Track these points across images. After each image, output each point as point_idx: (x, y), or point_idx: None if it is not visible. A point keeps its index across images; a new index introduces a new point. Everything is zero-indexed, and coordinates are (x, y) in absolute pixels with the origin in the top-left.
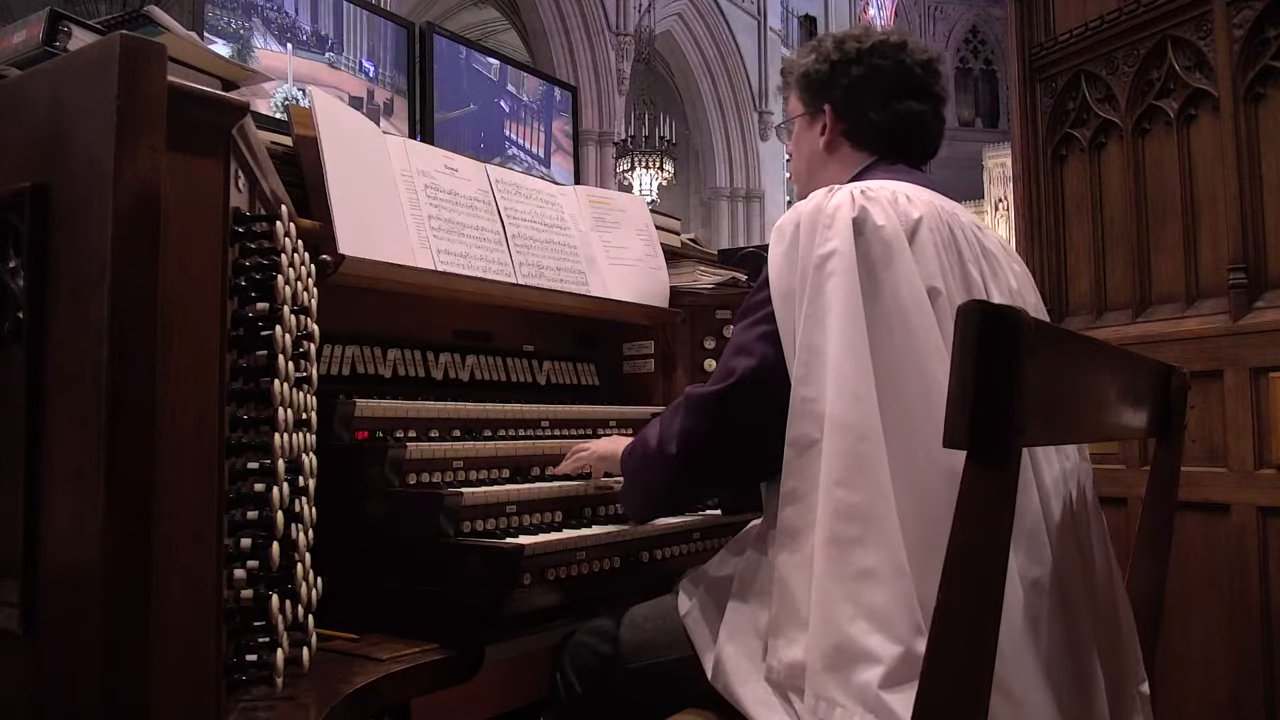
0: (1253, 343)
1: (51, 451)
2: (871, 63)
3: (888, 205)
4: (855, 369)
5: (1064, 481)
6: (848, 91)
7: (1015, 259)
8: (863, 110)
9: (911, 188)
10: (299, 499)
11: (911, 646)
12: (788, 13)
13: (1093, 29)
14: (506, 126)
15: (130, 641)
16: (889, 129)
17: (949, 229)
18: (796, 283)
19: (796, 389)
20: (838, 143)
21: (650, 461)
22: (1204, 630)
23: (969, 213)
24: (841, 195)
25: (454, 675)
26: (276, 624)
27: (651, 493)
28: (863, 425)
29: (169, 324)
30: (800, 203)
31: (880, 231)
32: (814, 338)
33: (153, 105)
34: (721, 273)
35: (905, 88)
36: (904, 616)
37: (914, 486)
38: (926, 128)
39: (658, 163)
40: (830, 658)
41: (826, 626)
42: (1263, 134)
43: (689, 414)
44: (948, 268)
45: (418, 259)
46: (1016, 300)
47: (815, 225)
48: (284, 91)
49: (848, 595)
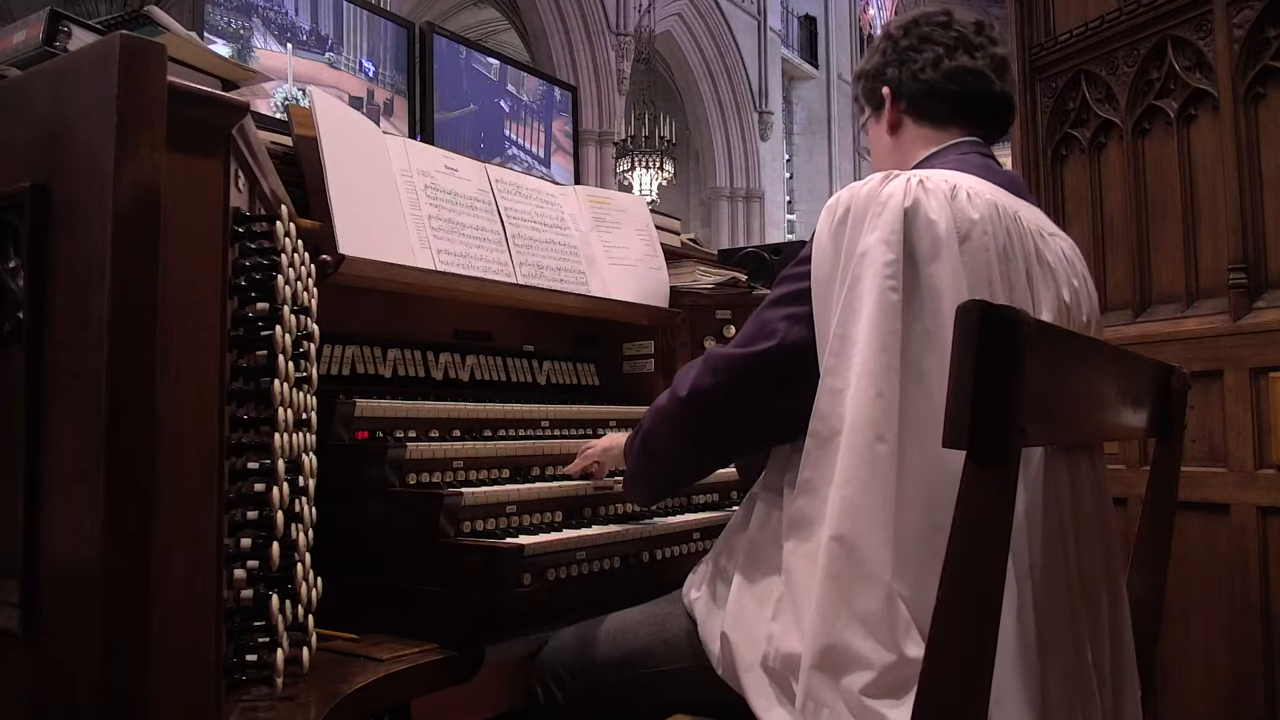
0: (1253, 343)
1: (51, 451)
2: (919, 32)
3: (945, 199)
4: (883, 366)
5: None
6: (899, 66)
7: (1077, 273)
8: (916, 77)
9: (976, 183)
10: (299, 499)
11: (903, 654)
12: (788, 13)
13: (1093, 29)
14: (506, 126)
15: (130, 642)
16: (946, 89)
17: (1007, 234)
18: (839, 267)
19: (825, 378)
20: (900, 121)
21: (661, 411)
22: (1204, 630)
23: (1037, 214)
24: (897, 183)
25: (454, 675)
26: (276, 624)
27: (662, 460)
28: (881, 425)
29: (169, 324)
30: (856, 183)
31: (932, 226)
32: (848, 327)
33: (153, 105)
34: (721, 273)
35: (956, 45)
36: (898, 623)
37: (926, 494)
38: (984, 83)
39: (658, 163)
40: (822, 658)
41: (822, 626)
42: (1263, 134)
43: (704, 370)
44: (996, 276)
45: (418, 259)
46: (1065, 315)
47: (866, 210)
48: (284, 91)
49: (845, 597)
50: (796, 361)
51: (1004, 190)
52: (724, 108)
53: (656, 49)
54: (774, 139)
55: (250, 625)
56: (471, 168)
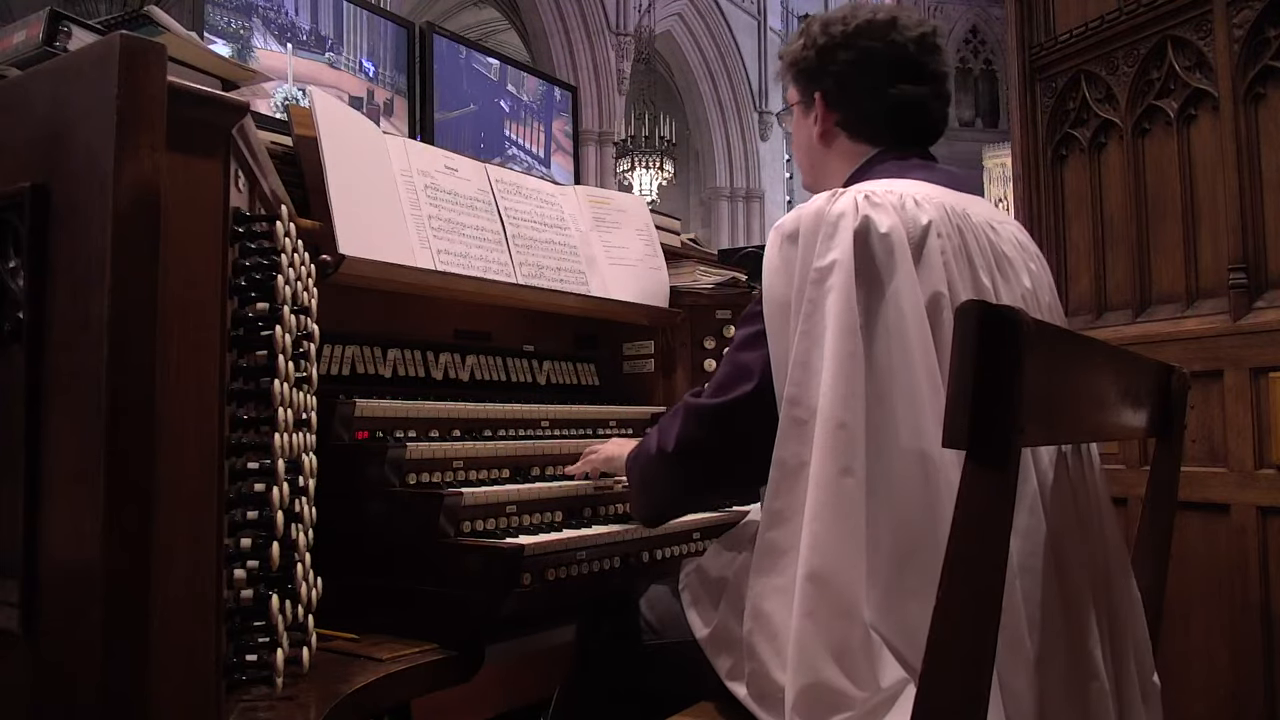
0: (1253, 343)
1: (51, 451)
2: (860, 46)
3: (894, 211)
4: (844, 396)
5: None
6: (838, 79)
7: (1032, 256)
8: (855, 99)
9: (922, 188)
10: (299, 499)
11: (879, 686)
12: (788, 13)
13: (1093, 29)
14: (506, 126)
15: (130, 642)
16: (885, 117)
17: (959, 233)
18: (793, 294)
19: (788, 408)
20: (833, 134)
21: (651, 466)
22: (1204, 629)
23: (984, 205)
24: (845, 201)
25: (454, 675)
26: (276, 624)
27: (656, 496)
28: (847, 456)
29: (169, 324)
30: (803, 205)
31: (884, 239)
32: (809, 355)
33: (153, 105)
34: (721, 273)
35: (899, 70)
36: (874, 657)
37: (896, 519)
38: (927, 111)
39: (658, 163)
40: (803, 698)
41: (801, 665)
42: (1263, 134)
43: (685, 422)
44: (956, 275)
45: (418, 259)
46: (1029, 304)
47: (816, 233)
48: (284, 91)
49: (822, 636)
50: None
51: (948, 190)
52: (724, 108)
53: (656, 49)
54: (774, 139)
55: (250, 625)
56: (471, 168)
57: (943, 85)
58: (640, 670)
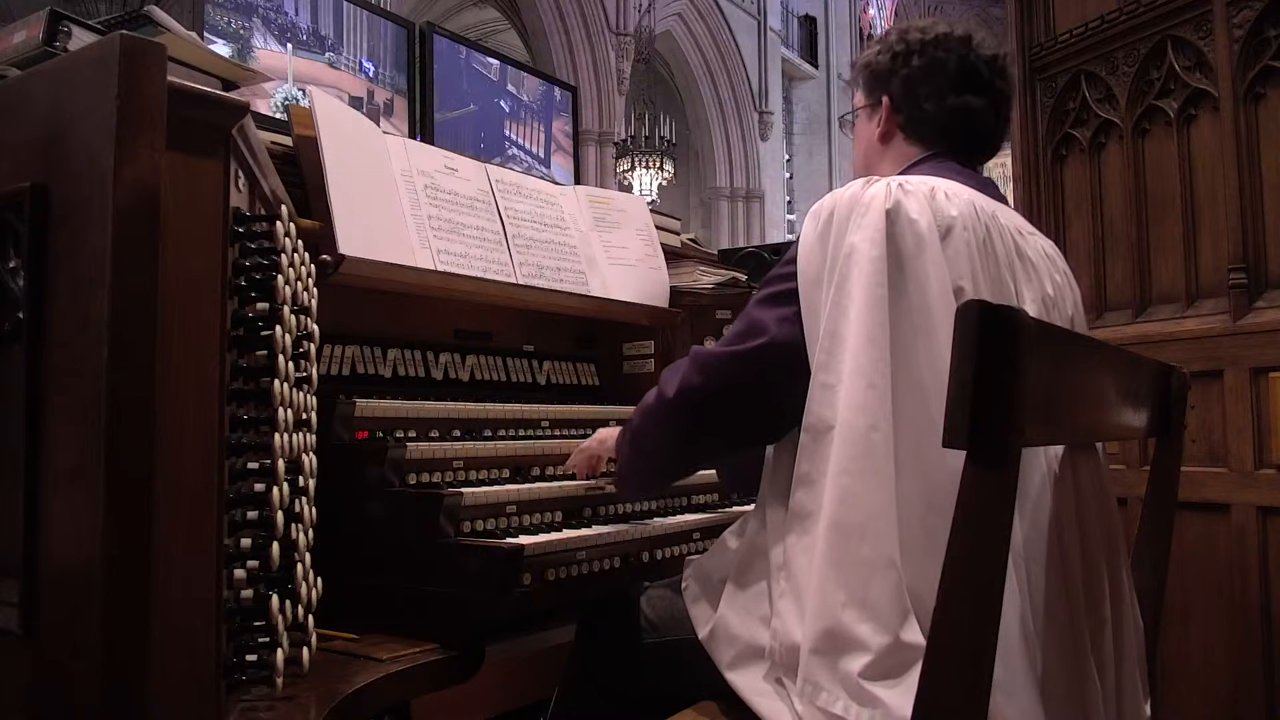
0: (1253, 343)
1: (51, 451)
2: (932, 55)
3: (924, 200)
4: (873, 359)
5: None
6: (906, 82)
7: (1059, 269)
8: (918, 102)
9: (953, 185)
10: (299, 499)
11: (899, 637)
12: (788, 13)
13: (1093, 29)
14: (506, 126)
15: (130, 641)
16: (942, 123)
17: (986, 230)
18: (826, 269)
19: (817, 374)
20: (892, 134)
21: (649, 418)
22: (1204, 629)
23: (1016, 216)
24: (878, 186)
25: (454, 675)
26: (276, 624)
27: (651, 448)
28: (875, 414)
29: (169, 324)
30: (839, 189)
31: (914, 225)
32: (838, 325)
33: (153, 105)
34: (721, 273)
35: (966, 82)
36: (895, 607)
37: (921, 481)
38: (982, 123)
39: (658, 163)
40: (820, 642)
41: (821, 610)
42: (1263, 134)
43: (688, 370)
44: (979, 269)
45: (418, 259)
46: (1050, 309)
47: (850, 213)
48: (284, 91)
49: (843, 581)
50: (786, 359)
51: (980, 192)
52: (724, 108)
53: (656, 49)
54: (774, 139)
55: (250, 625)
56: (472, 168)
57: (1004, 105)
58: (640, 670)
